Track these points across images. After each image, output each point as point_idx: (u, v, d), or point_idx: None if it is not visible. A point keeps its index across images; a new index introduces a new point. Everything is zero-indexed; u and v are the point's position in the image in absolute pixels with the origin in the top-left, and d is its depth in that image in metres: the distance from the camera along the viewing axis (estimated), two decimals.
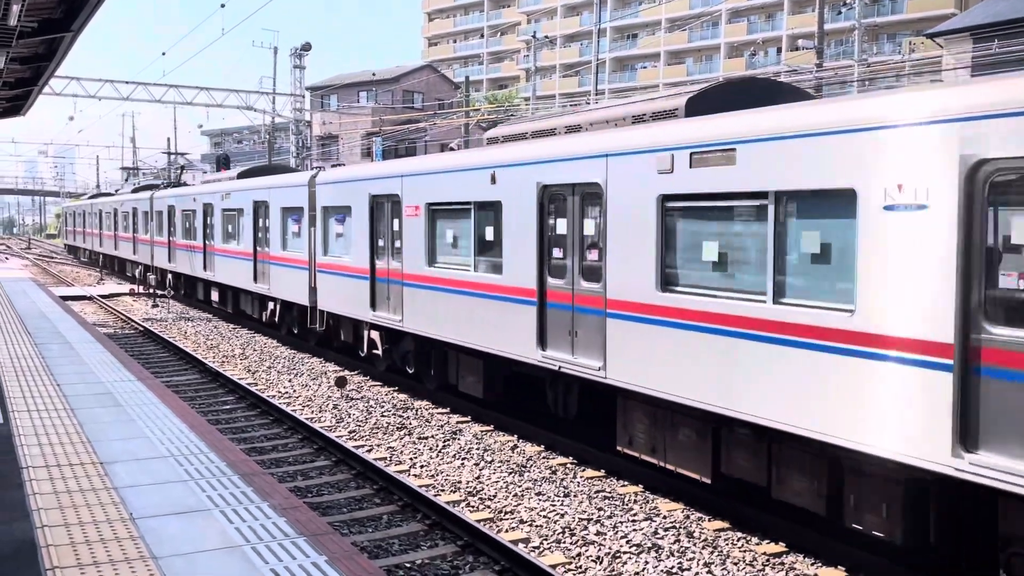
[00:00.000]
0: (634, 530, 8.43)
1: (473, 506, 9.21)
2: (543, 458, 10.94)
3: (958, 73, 25.40)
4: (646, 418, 9.40)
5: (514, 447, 11.45)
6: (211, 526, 5.83)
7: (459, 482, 9.99)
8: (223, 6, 34.76)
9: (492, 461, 10.79)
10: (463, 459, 10.92)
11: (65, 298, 26.90)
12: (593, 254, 9.89)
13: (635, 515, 8.85)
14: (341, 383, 15.10)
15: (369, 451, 11.30)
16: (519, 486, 9.81)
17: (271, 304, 20.63)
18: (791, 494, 7.76)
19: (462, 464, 10.69)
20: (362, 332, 16.05)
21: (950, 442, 6.17)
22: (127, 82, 43.81)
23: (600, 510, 9.00)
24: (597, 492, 9.59)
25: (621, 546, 8.04)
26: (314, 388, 15.28)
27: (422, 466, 10.66)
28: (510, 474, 10.26)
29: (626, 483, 9.91)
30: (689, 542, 8.16)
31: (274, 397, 14.46)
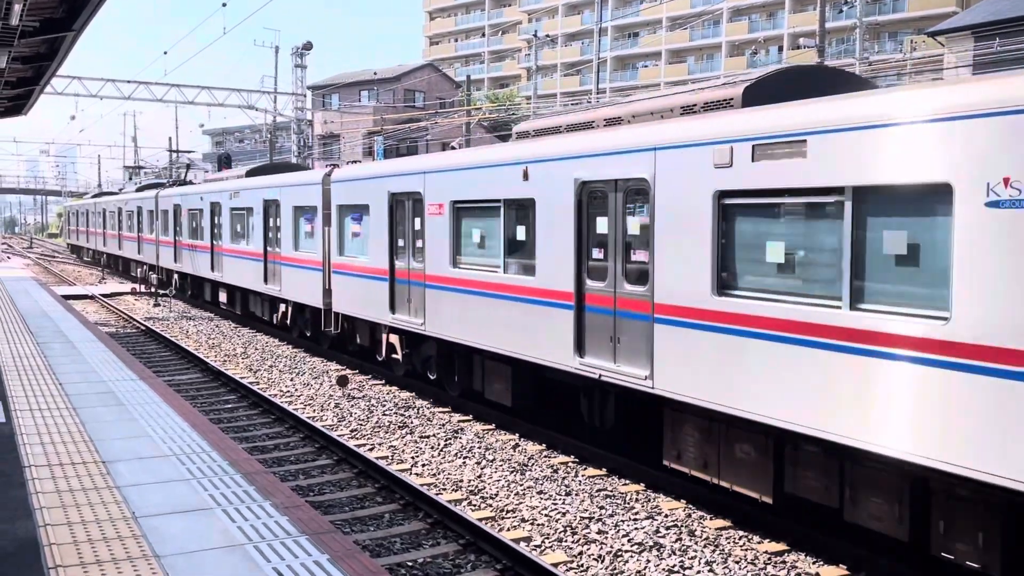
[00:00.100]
0: (636, 528, 8.43)
1: (475, 505, 9.22)
2: (544, 457, 10.95)
3: (959, 72, 25.39)
4: (697, 431, 8.75)
5: (515, 446, 11.45)
6: (213, 525, 5.84)
7: (461, 481, 10.00)
8: (224, 5, 34.79)
9: (494, 460, 10.80)
10: (464, 458, 10.93)
11: (67, 297, 26.94)
12: (638, 255, 9.28)
13: (637, 513, 8.86)
14: (343, 382, 15.11)
15: (371, 450, 11.31)
16: (521, 485, 9.81)
17: (282, 306, 20.10)
18: (867, 517, 7.12)
19: (464, 463, 10.70)
20: (380, 335, 15.47)
21: None
22: (128, 81, 43.92)
23: (602, 508, 9.00)
24: (599, 491, 9.59)
25: (623, 544, 8.04)
26: (316, 387, 15.29)
27: (423, 465, 10.67)
28: (512, 473, 10.27)
29: (627, 482, 9.92)
30: (691, 540, 8.16)
31: (276, 396, 14.47)
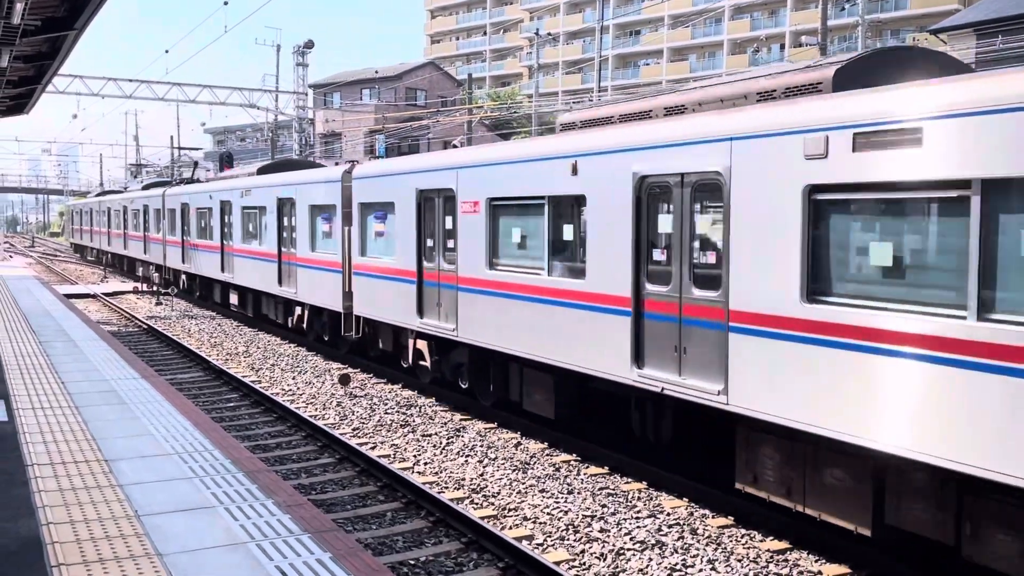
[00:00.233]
0: (638, 527, 8.43)
1: (477, 503, 9.23)
2: (546, 455, 10.95)
3: None
4: (779, 453, 7.92)
5: (517, 444, 11.45)
6: (216, 523, 5.84)
7: (463, 479, 10.01)
8: (226, 3, 34.79)
9: (496, 458, 10.80)
10: (467, 456, 10.93)
11: (69, 296, 26.96)
12: (708, 256, 8.43)
13: (639, 512, 8.86)
14: (344, 380, 15.11)
15: (373, 448, 11.31)
16: (523, 483, 9.82)
17: (298, 309, 19.25)
18: (993, 557, 6.34)
19: (466, 461, 10.70)
20: (405, 341, 14.67)
21: None
22: (130, 80, 43.81)
23: (604, 507, 9.00)
24: (601, 489, 9.59)
25: (625, 543, 8.04)
26: (318, 385, 15.30)
27: (426, 463, 10.67)
28: (514, 471, 10.27)
29: (630, 480, 9.91)
30: (693, 539, 8.16)
31: (278, 395, 14.48)
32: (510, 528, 8.46)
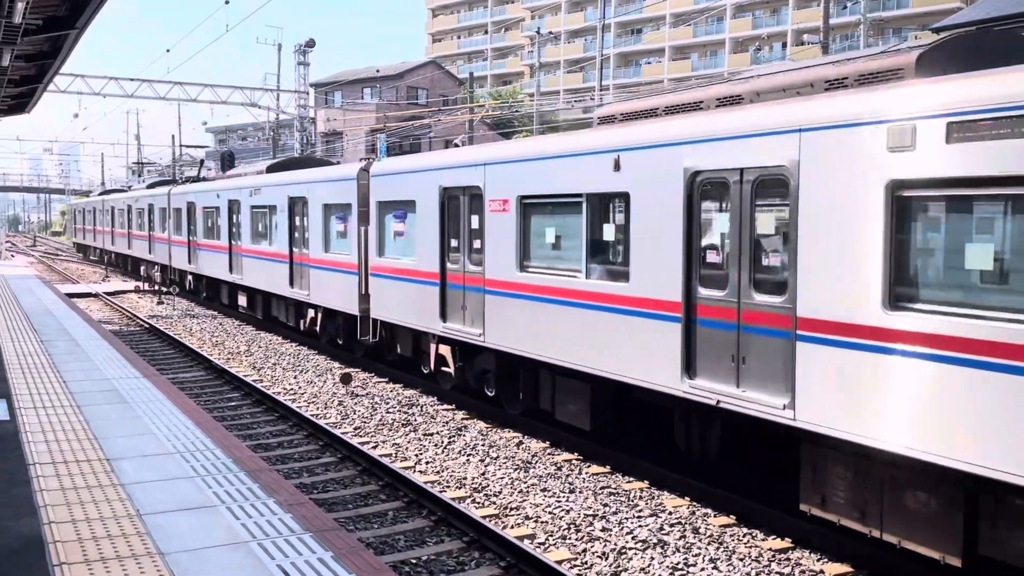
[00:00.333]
0: (639, 526, 8.43)
1: (478, 502, 9.23)
2: (548, 454, 10.95)
3: None
4: (850, 473, 7.27)
5: (519, 443, 11.45)
6: (218, 522, 5.84)
7: (464, 478, 10.01)
8: (227, 2, 34.76)
9: (497, 457, 10.80)
10: (468, 455, 10.93)
11: (71, 295, 26.96)
12: (772, 259, 7.81)
13: (640, 511, 8.86)
14: (346, 380, 15.11)
15: (374, 447, 11.32)
16: (524, 482, 9.81)
17: (311, 311, 18.64)
18: None
19: (467, 460, 10.70)
20: (426, 346, 14.05)
21: None
22: (131, 79, 43.66)
23: (605, 506, 9.00)
24: (602, 488, 9.59)
25: (627, 542, 8.04)
26: (319, 385, 15.31)
27: (427, 462, 10.67)
28: (515, 470, 10.27)
29: (631, 479, 9.91)
30: (695, 538, 8.16)
31: (279, 394, 14.49)
32: (512, 527, 8.46)
